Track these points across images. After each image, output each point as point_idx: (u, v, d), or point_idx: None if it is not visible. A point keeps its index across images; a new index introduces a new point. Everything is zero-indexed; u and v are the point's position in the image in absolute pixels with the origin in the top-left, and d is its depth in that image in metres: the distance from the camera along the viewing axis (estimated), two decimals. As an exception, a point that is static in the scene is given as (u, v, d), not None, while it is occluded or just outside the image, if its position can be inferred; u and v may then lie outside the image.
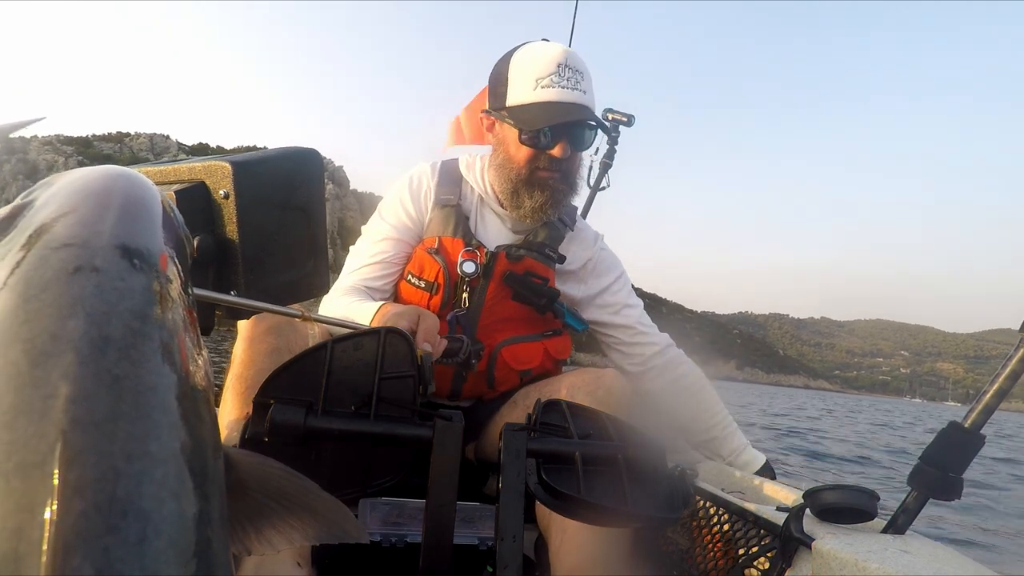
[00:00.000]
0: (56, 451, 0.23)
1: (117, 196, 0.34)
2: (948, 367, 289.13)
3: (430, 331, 0.99)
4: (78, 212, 0.31)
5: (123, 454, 0.24)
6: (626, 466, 0.74)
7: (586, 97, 1.28)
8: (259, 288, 0.64)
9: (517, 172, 1.30)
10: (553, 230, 1.40)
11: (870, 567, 0.77)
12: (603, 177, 2.34)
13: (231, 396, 1.04)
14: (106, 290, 0.28)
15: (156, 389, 0.27)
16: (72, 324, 0.26)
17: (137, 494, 0.23)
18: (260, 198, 0.64)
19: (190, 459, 0.27)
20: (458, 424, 0.69)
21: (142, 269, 0.31)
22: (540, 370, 1.38)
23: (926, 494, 0.88)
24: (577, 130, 1.29)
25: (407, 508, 1.14)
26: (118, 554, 0.22)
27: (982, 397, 0.86)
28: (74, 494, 0.22)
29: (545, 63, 1.27)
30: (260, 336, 1.08)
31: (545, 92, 1.26)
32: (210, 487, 0.28)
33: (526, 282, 1.33)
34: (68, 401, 0.24)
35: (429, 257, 1.32)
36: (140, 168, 0.69)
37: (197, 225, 0.62)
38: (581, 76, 1.28)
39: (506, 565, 0.66)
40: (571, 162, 1.32)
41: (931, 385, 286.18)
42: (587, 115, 1.28)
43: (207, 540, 0.26)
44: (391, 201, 1.40)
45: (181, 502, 0.25)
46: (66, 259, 0.28)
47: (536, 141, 1.27)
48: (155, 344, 0.29)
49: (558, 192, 1.31)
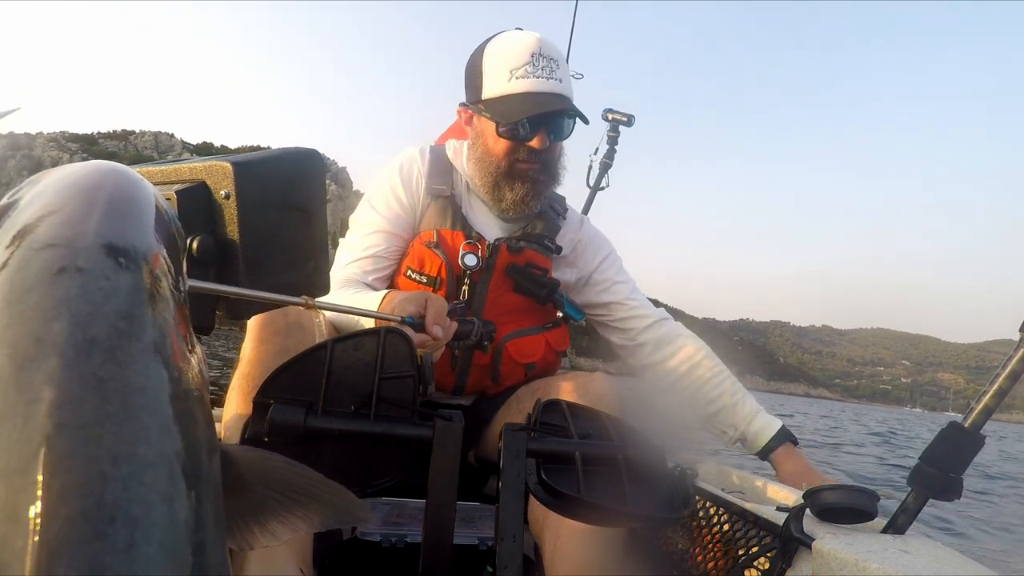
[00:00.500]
0: (40, 456, 0.22)
1: (104, 193, 0.33)
2: (949, 377, 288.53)
3: (439, 314, 0.97)
4: (63, 211, 0.31)
5: (110, 458, 0.23)
6: (626, 466, 0.74)
7: (562, 86, 1.27)
8: (259, 288, 0.64)
9: (496, 165, 1.29)
10: (550, 220, 1.39)
11: (870, 567, 0.77)
12: (603, 177, 2.34)
13: (236, 395, 1.04)
14: (90, 290, 0.27)
15: (145, 390, 0.27)
16: (56, 327, 0.26)
17: (125, 499, 0.23)
18: (261, 198, 0.64)
19: (182, 461, 0.26)
20: (458, 424, 0.69)
21: (128, 267, 0.30)
22: (543, 363, 1.37)
23: (926, 494, 0.88)
24: (555, 120, 1.27)
25: (407, 508, 1.14)
26: (105, 560, 0.21)
27: (982, 397, 0.86)
28: (59, 500, 0.21)
29: (519, 53, 1.26)
30: (269, 337, 1.07)
31: (520, 83, 1.24)
32: (204, 488, 0.27)
33: (528, 274, 1.32)
34: (52, 405, 0.23)
35: (429, 251, 1.30)
36: (141, 168, 0.69)
37: (198, 225, 0.62)
38: (556, 64, 1.27)
39: (506, 565, 0.66)
40: (551, 152, 1.30)
41: (932, 395, 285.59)
42: (564, 104, 1.26)
43: (200, 543, 0.26)
44: (381, 189, 1.36)
45: (172, 505, 0.25)
46: (50, 260, 0.28)
47: (514, 133, 1.26)
48: (143, 344, 0.28)
49: (539, 183, 1.30)
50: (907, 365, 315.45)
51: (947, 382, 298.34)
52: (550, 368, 1.40)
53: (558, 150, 1.34)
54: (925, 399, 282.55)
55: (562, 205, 1.46)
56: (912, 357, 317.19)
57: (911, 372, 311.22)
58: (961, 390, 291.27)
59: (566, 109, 1.26)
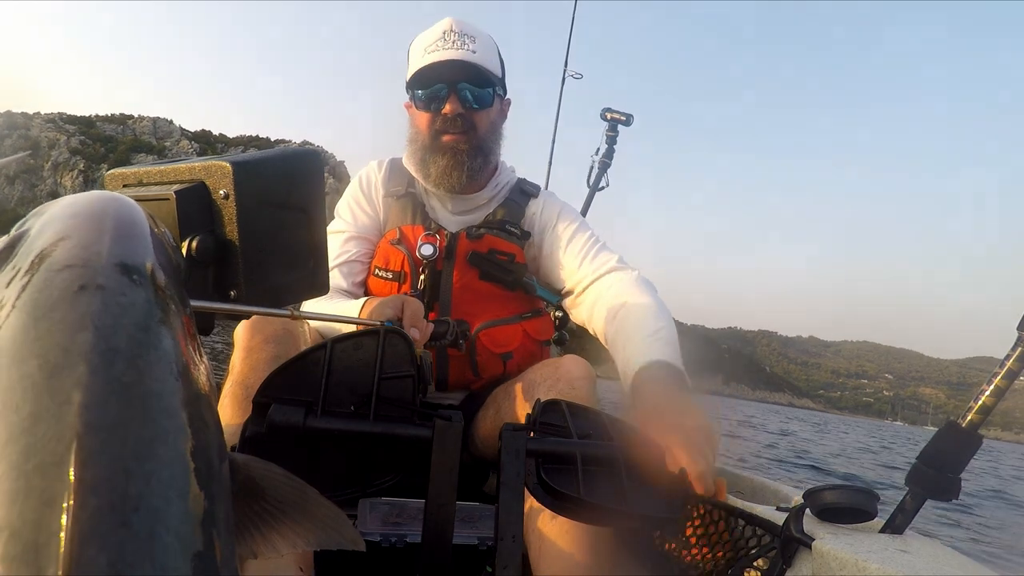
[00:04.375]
0: (72, 452, 0.24)
1: (109, 219, 0.36)
2: (930, 392, 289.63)
3: (416, 316, 0.99)
4: (76, 236, 0.34)
5: (133, 455, 0.26)
6: (625, 466, 0.74)
7: (475, 56, 1.30)
8: (259, 289, 0.64)
9: (422, 141, 1.35)
10: (512, 206, 1.42)
11: (870, 567, 0.77)
12: (602, 176, 2.34)
13: (229, 401, 1.04)
14: (111, 305, 0.30)
15: (162, 395, 0.29)
16: (82, 338, 0.28)
17: (147, 492, 0.25)
18: (260, 198, 0.64)
19: (196, 461, 0.29)
20: (457, 424, 0.69)
21: (141, 284, 0.33)
22: (522, 352, 1.37)
23: (923, 494, 0.88)
24: (467, 87, 1.31)
25: (407, 508, 1.13)
26: (130, 547, 0.23)
27: (979, 396, 0.86)
28: (89, 491, 0.24)
29: (432, 33, 1.32)
30: (259, 346, 1.08)
31: (431, 56, 1.30)
32: (216, 488, 0.30)
33: (491, 260, 1.34)
34: (82, 407, 0.26)
35: (392, 248, 1.35)
36: (140, 168, 0.69)
37: (197, 225, 0.62)
38: (470, 39, 1.31)
39: (505, 565, 0.66)
40: (470, 120, 1.32)
41: (913, 409, 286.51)
42: (472, 72, 1.30)
43: (213, 538, 0.27)
44: (345, 201, 1.44)
45: (188, 501, 0.27)
46: (70, 279, 0.31)
47: (427, 104, 1.32)
48: (159, 353, 0.31)
49: (460, 153, 1.32)
50: (890, 379, 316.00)
51: (928, 396, 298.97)
52: (532, 358, 1.38)
53: (484, 122, 1.35)
54: (906, 412, 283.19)
55: (536, 189, 1.48)
56: (896, 371, 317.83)
57: (894, 386, 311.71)
58: (941, 405, 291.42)
59: (474, 77, 1.29)
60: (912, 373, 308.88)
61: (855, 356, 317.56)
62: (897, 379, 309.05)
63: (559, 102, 2.74)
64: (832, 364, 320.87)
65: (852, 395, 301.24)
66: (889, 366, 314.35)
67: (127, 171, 0.69)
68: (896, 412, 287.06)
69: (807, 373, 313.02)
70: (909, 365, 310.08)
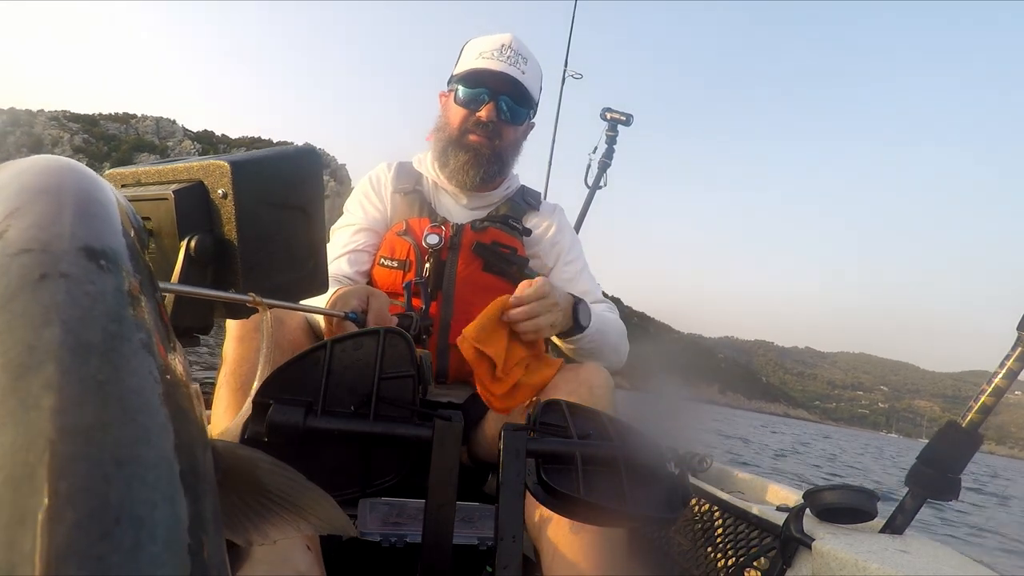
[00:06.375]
0: (44, 461, 0.22)
1: (69, 193, 0.32)
2: (925, 405, 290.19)
3: (380, 310, 1.02)
4: (31, 213, 0.30)
5: (113, 460, 0.24)
6: (625, 466, 0.74)
7: (523, 76, 1.40)
8: (258, 289, 0.64)
9: (450, 133, 1.43)
10: (515, 205, 1.51)
11: (870, 567, 0.77)
12: (601, 176, 2.34)
13: (225, 391, 1.05)
14: (77, 295, 0.27)
15: (141, 392, 0.27)
16: (48, 333, 0.25)
17: (130, 500, 0.23)
18: (259, 198, 0.63)
19: (180, 460, 0.26)
20: (457, 424, 0.69)
21: (110, 270, 0.29)
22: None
23: (924, 494, 0.88)
24: (507, 100, 1.40)
25: (407, 508, 1.13)
26: (113, 561, 0.21)
27: (979, 396, 0.86)
28: (65, 503, 0.22)
29: (491, 42, 1.41)
30: (250, 334, 1.08)
31: (483, 62, 1.39)
32: (202, 486, 0.28)
33: (494, 251, 1.39)
34: (53, 411, 0.23)
35: (399, 239, 1.40)
36: (138, 168, 0.68)
37: (195, 225, 0.61)
38: (524, 60, 1.41)
39: (505, 565, 0.66)
40: (498, 131, 1.42)
41: (908, 421, 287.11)
42: (516, 89, 1.40)
43: (202, 542, 0.26)
44: (354, 199, 1.51)
45: (174, 505, 0.25)
46: (29, 265, 0.27)
47: (466, 103, 1.40)
48: (134, 346, 0.28)
49: (481, 156, 1.41)
50: (885, 391, 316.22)
51: (923, 409, 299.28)
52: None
53: (511, 135, 1.45)
54: (901, 424, 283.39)
55: (536, 199, 1.58)
56: (891, 383, 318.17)
57: (889, 398, 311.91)
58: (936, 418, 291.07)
59: (519, 94, 1.40)
60: (908, 385, 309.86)
61: (852, 368, 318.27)
62: (892, 391, 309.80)
63: (559, 102, 2.73)
64: (828, 375, 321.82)
65: (848, 406, 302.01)
66: (885, 378, 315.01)
67: (125, 171, 0.69)
68: (891, 424, 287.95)
69: (803, 384, 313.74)
70: (905, 378, 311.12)
